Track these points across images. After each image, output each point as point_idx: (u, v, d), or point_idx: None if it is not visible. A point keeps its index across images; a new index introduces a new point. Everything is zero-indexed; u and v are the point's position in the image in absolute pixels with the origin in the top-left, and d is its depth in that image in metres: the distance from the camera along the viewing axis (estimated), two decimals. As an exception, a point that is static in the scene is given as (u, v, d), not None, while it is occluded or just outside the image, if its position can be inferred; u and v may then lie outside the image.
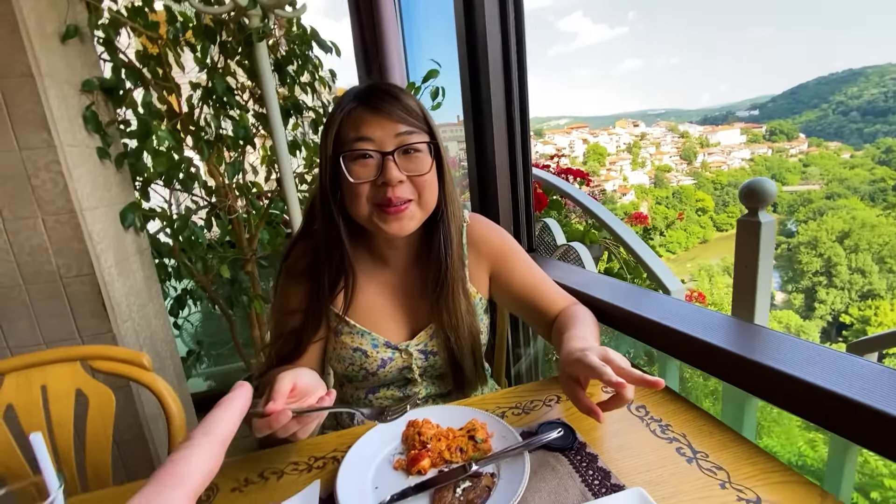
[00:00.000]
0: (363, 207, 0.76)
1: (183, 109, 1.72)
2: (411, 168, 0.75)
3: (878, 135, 53.93)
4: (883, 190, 41.61)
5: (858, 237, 31.72)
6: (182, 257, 1.77)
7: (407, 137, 0.74)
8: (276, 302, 0.89)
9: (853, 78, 67.50)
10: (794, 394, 0.61)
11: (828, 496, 0.51)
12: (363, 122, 0.74)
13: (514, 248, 0.90)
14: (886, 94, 59.54)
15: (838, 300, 29.16)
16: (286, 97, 1.82)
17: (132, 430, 1.46)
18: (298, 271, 0.85)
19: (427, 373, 0.88)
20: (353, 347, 0.84)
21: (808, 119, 64.91)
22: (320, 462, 0.68)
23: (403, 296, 0.88)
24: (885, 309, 26.76)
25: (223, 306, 1.96)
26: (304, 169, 2.03)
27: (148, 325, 1.58)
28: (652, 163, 53.28)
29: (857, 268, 30.11)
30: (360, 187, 0.74)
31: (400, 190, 0.74)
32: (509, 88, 1.25)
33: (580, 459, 0.61)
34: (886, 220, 35.34)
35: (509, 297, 0.90)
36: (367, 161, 0.74)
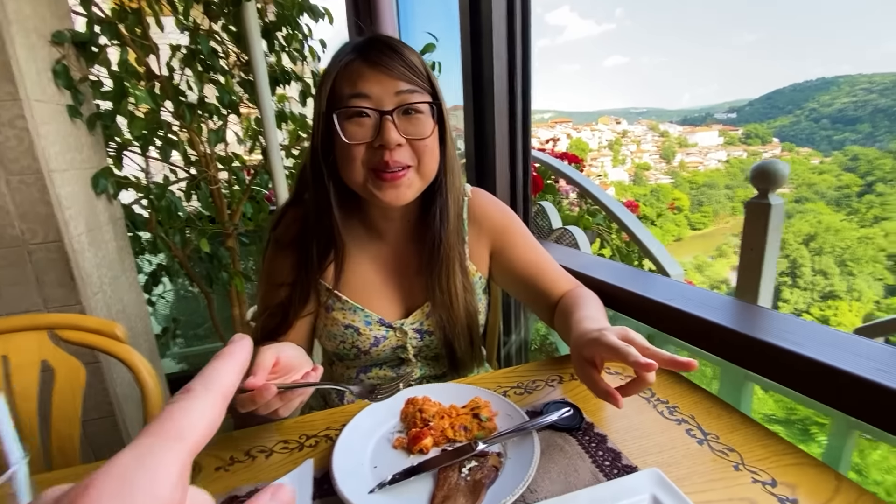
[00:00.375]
0: (357, 172, 0.70)
1: (162, 72, 1.61)
2: (411, 131, 0.69)
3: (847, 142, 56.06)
4: (848, 196, 43.38)
5: (823, 240, 33.08)
6: (159, 230, 1.68)
7: (408, 96, 0.68)
8: (264, 273, 0.83)
9: (826, 86, 69.74)
10: (802, 371, 0.60)
11: (842, 477, 0.50)
12: (360, 77, 0.67)
13: (517, 224, 0.86)
14: (856, 103, 61.80)
15: (801, 300, 30.43)
16: (274, 65, 1.74)
17: (100, 410, 1.39)
18: (287, 241, 0.80)
19: (422, 353, 0.84)
20: (345, 324, 0.79)
21: (782, 124, 66.89)
22: (312, 441, 0.64)
23: (399, 271, 0.83)
24: (843, 309, 28.08)
25: (201, 283, 1.88)
26: (289, 142, 1.94)
27: (120, 299, 1.50)
28: (632, 160, 54.12)
29: (820, 269, 31.44)
30: (354, 149, 0.68)
31: (398, 154, 0.68)
32: (513, 65, 1.20)
33: (589, 440, 0.59)
34: (849, 224, 36.93)
35: (510, 276, 0.85)
36: (363, 120, 0.68)
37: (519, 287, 0.86)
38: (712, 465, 0.53)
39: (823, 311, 28.39)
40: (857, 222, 38.20)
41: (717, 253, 38.75)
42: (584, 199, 1.84)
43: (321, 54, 1.92)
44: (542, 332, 1.81)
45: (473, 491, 0.50)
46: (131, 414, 1.47)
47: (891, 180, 42.96)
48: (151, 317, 2.16)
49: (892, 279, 30.70)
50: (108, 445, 1.44)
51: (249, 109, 1.90)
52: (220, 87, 1.61)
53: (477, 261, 0.85)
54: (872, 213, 38.93)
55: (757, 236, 0.76)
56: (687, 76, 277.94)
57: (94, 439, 1.43)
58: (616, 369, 0.75)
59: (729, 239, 41.16)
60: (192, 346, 2.58)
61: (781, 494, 0.49)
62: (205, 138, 1.67)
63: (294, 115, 1.87)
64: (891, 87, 59.24)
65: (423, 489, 0.51)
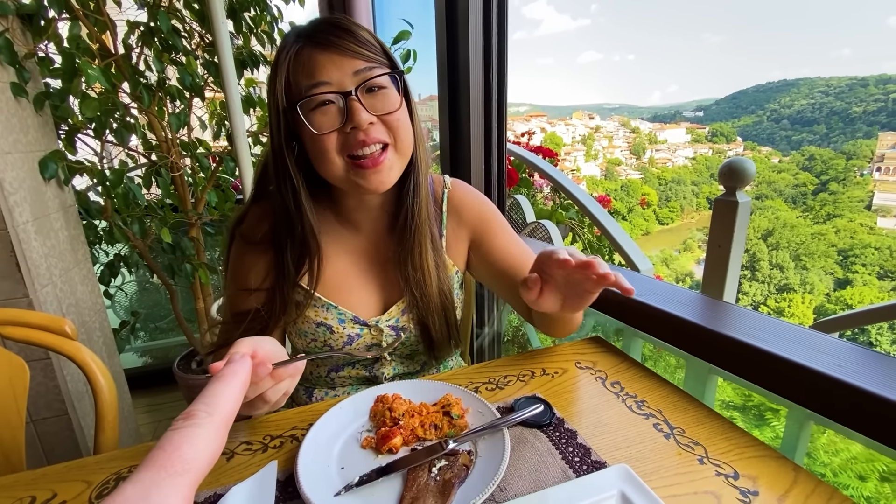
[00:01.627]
0: (335, 163, 0.66)
1: (119, 50, 1.52)
2: (378, 107, 0.66)
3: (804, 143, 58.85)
4: (804, 194, 45.65)
5: (780, 236, 34.78)
6: (115, 218, 1.59)
7: (367, 73, 0.65)
8: (231, 274, 0.78)
9: (786, 88, 72.83)
10: (761, 365, 0.62)
11: (800, 470, 0.52)
12: (315, 64, 0.64)
13: (497, 215, 0.84)
14: (814, 105, 64.85)
15: (759, 292, 31.97)
16: (241, 47, 1.66)
17: (52, 409, 1.31)
18: (254, 239, 0.75)
19: (396, 350, 0.82)
20: (317, 322, 0.76)
21: (745, 123, 69.57)
22: (277, 441, 0.61)
23: (375, 265, 0.80)
24: (797, 302, 29.68)
25: (162, 275, 1.80)
26: (257, 128, 1.87)
27: (73, 292, 1.41)
28: (604, 156, 55.21)
29: (776, 263, 33.08)
30: (325, 139, 0.65)
31: (373, 131, 0.65)
32: (489, 56, 1.19)
33: (559, 436, 0.59)
34: (804, 221, 38.93)
35: (489, 268, 0.83)
36: (328, 108, 0.65)
37: (497, 279, 0.83)
38: (678, 460, 0.54)
39: (779, 303, 29.93)
40: (812, 219, 40.34)
41: (682, 247, 40.17)
42: (557, 193, 1.85)
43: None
44: (515, 324, 1.82)
45: (443, 491, 0.49)
46: (86, 412, 1.40)
47: (843, 180, 45.45)
48: (109, 310, 2.06)
49: (842, 273, 32.62)
50: (62, 445, 1.37)
51: (215, 94, 1.82)
52: (182, 68, 1.53)
53: (454, 255, 0.83)
54: (825, 210, 41.16)
55: (724, 233, 0.78)
56: (657, 74, 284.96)
57: (46, 440, 1.35)
58: (586, 364, 0.75)
59: (694, 233, 42.70)
60: (156, 339, 2.47)
61: (743, 487, 0.50)
62: (166, 122, 1.59)
63: (263, 101, 1.80)
64: (846, 91, 62.40)
65: (392, 490, 0.50)
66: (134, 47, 1.53)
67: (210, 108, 1.84)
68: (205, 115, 1.83)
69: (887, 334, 20.94)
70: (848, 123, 58.22)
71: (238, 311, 0.76)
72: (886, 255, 32.36)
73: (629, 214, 42.03)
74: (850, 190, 43.78)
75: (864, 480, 1.97)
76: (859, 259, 32.64)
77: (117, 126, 1.50)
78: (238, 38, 1.69)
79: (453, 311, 0.82)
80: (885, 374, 0.53)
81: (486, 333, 1.48)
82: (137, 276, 2.26)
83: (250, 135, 1.81)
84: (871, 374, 0.53)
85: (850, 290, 29.56)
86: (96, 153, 1.61)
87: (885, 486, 1.92)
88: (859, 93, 60.49)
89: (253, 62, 1.66)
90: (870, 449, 1.98)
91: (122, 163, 1.62)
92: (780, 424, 2.12)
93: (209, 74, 1.64)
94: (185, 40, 1.59)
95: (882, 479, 1.94)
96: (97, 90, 1.48)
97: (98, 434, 0.75)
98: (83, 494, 0.53)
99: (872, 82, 60.88)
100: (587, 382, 0.70)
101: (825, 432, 2.00)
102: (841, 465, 2.02)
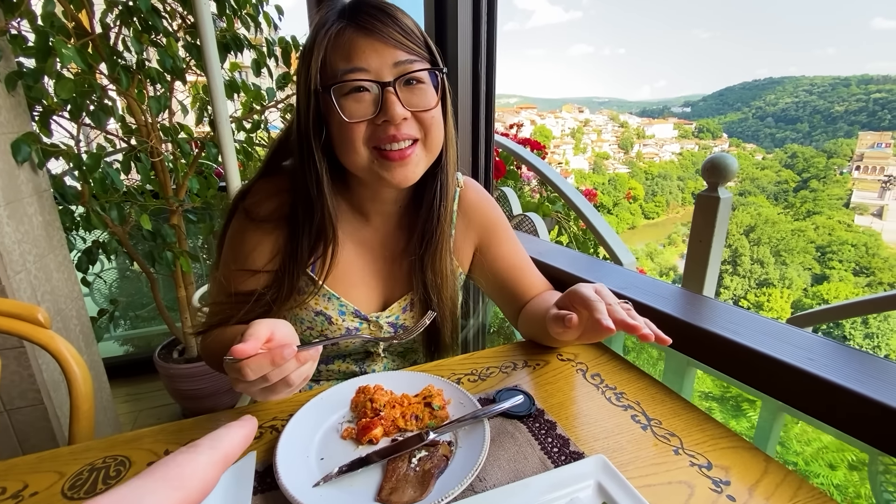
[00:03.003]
0: (360, 153, 0.64)
1: (96, 30, 1.46)
2: (415, 102, 0.63)
3: (787, 140, 59.91)
4: (785, 191, 46.60)
5: (761, 232, 35.53)
6: (93, 204, 1.54)
7: (408, 66, 0.62)
8: (230, 251, 0.74)
9: (772, 86, 73.86)
10: (737, 359, 0.63)
11: (770, 460, 0.53)
12: (355, 49, 0.61)
13: (505, 222, 0.84)
14: (797, 103, 65.94)
15: (740, 287, 32.70)
16: (224, 30, 1.62)
17: (27, 398, 1.28)
18: (261, 216, 0.71)
19: (391, 347, 0.81)
20: (317, 311, 0.74)
21: (731, 120, 70.50)
22: (256, 432, 0.61)
23: (382, 260, 0.78)
24: (776, 296, 30.45)
25: (143, 263, 1.76)
26: (241, 114, 1.83)
27: (48, 279, 1.37)
28: (593, 149, 55.51)
29: (757, 259, 33.82)
30: (355, 128, 0.62)
31: (405, 127, 0.62)
32: (477, 45, 1.18)
33: (539, 427, 0.59)
34: (785, 218, 39.81)
35: (490, 273, 0.82)
36: (362, 95, 0.62)
37: (495, 285, 0.83)
38: (654, 450, 0.55)
39: (758, 297, 30.67)
40: (792, 216, 41.24)
41: (667, 241, 40.77)
42: (544, 185, 1.86)
43: (277, 22, 1.81)
44: (501, 316, 1.84)
45: (422, 481, 0.49)
46: (62, 402, 1.37)
47: (823, 178, 46.46)
48: (88, 298, 2.02)
49: (819, 269, 33.49)
50: (37, 435, 1.34)
51: (198, 77, 1.77)
52: (162, 50, 1.48)
53: (461, 256, 0.82)
54: (805, 207, 42.09)
55: (706, 228, 0.79)
56: (647, 68, 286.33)
57: (21, 429, 1.32)
58: (568, 356, 0.76)
59: (679, 228, 43.35)
60: (138, 328, 2.43)
61: (716, 476, 0.51)
62: (146, 106, 1.54)
63: (247, 86, 1.76)
64: (829, 90, 63.52)
65: (371, 481, 0.50)
66: (112, 27, 1.48)
67: (192, 93, 1.79)
68: (187, 99, 1.78)
69: (860, 328, 21.63)
70: (830, 122, 59.39)
71: (237, 291, 0.72)
72: (862, 252, 33.32)
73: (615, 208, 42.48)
74: (830, 188, 44.81)
75: (834, 469, 2.04)
76: (836, 255, 33.56)
77: (94, 108, 1.45)
78: (221, 21, 1.64)
79: (458, 315, 0.82)
80: (854, 368, 0.54)
81: (472, 325, 1.48)
82: (117, 263, 2.21)
83: (234, 120, 1.77)
84: (841, 369, 0.55)
85: (826, 286, 30.40)
86: (72, 136, 1.56)
87: (853, 475, 2.00)
88: (842, 92, 61.66)
89: (237, 46, 1.61)
90: (840, 439, 2.06)
91: (100, 147, 1.57)
92: (755, 415, 2.18)
93: (191, 57, 1.59)
94: (166, 21, 1.55)
95: (851, 467, 2.02)
96: (73, 70, 1.43)
97: (73, 424, 0.74)
98: (55, 486, 0.52)
99: (855, 82, 62.10)
100: (568, 374, 0.71)
101: (798, 423, 2.07)
102: (812, 454, 2.09)
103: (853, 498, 1.93)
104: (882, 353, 6.69)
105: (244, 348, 0.48)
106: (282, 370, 0.50)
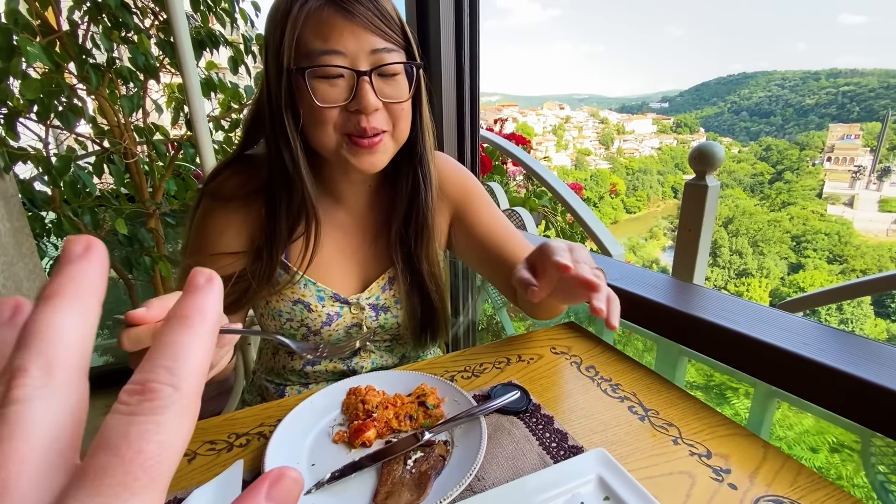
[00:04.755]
0: (329, 136, 0.62)
1: (63, 27, 1.40)
2: (388, 93, 0.62)
3: (761, 133, 61.45)
4: (761, 183, 47.80)
5: (739, 223, 36.39)
6: (64, 209, 1.48)
7: (384, 56, 0.60)
8: (197, 236, 0.70)
9: (745, 81, 75.64)
10: (731, 345, 0.63)
11: (769, 446, 0.53)
12: (332, 29, 0.58)
13: (480, 188, 0.81)
14: (770, 97, 67.65)
15: (720, 277, 33.43)
16: (199, 27, 1.57)
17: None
18: (227, 194, 0.68)
19: (377, 335, 0.79)
20: (294, 299, 0.71)
21: (707, 114, 71.99)
22: (243, 440, 0.58)
23: (357, 239, 0.76)
24: (755, 286, 31.24)
25: (119, 269, 1.70)
26: (219, 113, 1.78)
27: (17, 288, 1.31)
28: (574, 146, 56.08)
29: (736, 249, 34.63)
30: (326, 112, 0.60)
31: (375, 119, 0.61)
32: (460, 41, 1.16)
33: (536, 422, 0.58)
34: (761, 209, 40.86)
35: (471, 245, 0.80)
36: (336, 81, 0.60)
37: (481, 255, 0.80)
38: (653, 441, 0.55)
39: (738, 287, 31.41)
40: (768, 207, 42.34)
41: (649, 234, 41.45)
42: (530, 180, 1.85)
43: (254, 18, 1.76)
44: (489, 312, 1.83)
45: (419, 484, 0.47)
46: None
47: (797, 169, 47.77)
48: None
49: (795, 258, 34.46)
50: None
51: (173, 77, 1.71)
52: (134, 47, 1.43)
53: (436, 231, 0.79)
54: (780, 198, 43.25)
55: (694, 217, 0.79)
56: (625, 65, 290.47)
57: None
58: (561, 349, 0.75)
59: (660, 221, 44.10)
60: (116, 336, 2.35)
61: (716, 465, 0.51)
62: (118, 106, 1.49)
63: (224, 84, 1.71)
64: (800, 84, 65.29)
65: (366, 486, 0.48)
66: (80, 24, 1.42)
67: (167, 92, 1.74)
68: (161, 98, 1.73)
69: (836, 314, 22.31)
70: (801, 115, 61.10)
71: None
72: (835, 241, 34.41)
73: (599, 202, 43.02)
74: (803, 179, 46.13)
75: (816, 452, 2.10)
76: (811, 244, 34.58)
77: (63, 109, 1.39)
78: (196, 17, 1.59)
79: (444, 292, 0.80)
80: (849, 351, 0.55)
81: (461, 322, 1.47)
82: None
83: (211, 120, 1.72)
84: (835, 352, 0.55)
85: (802, 274, 31.30)
86: (40, 139, 1.49)
87: (834, 457, 2.06)
88: (812, 86, 63.49)
89: (213, 43, 1.57)
90: (821, 422, 2.11)
91: (70, 149, 1.51)
92: (739, 402, 2.23)
93: (165, 55, 1.54)
94: (138, 17, 1.49)
95: (832, 450, 2.07)
96: (40, 70, 1.37)
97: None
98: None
99: (824, 76, 63.98)
100: (562, 368, 0.70)
101: (780, 407, 2.11)
102: (795, 438, 2.14)
103: (835, 478, 1.98)
104: (858, 338, 6.89)
105: (136, 313, 0.40)
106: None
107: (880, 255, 32.36)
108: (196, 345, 0.16)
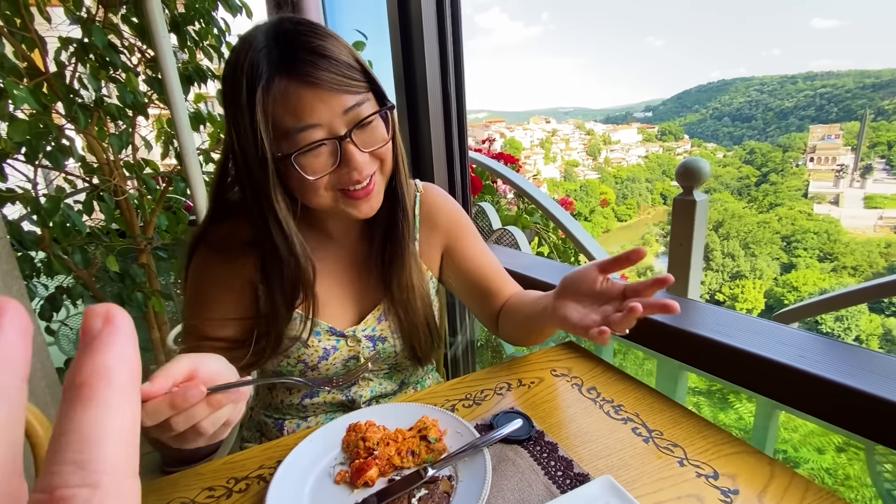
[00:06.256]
0: (324, 197, 0.63)
1: (50, 68, 1.41)
2: (370, 142, 0.63)
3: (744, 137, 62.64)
4: (747, 186, 48.50)
5: (729, 226, 36.77)
6: (54, 248, 1.47)
7: (359, 111, 0.60)
8: (196, 291, 0.70)
9: (725, 87, 77.44)
10: (729, 361, 0.63)
11: (775, 463, 0.53)
12: (303, 104, 0.57)
13: (470, 224, 0.84)
14: (750, 102, 69.23)
15: (714, 281, 33.60)
16: (186, 62, 1.59)
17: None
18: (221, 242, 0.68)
19: (375, 365, 0.78)
20: (290, 336, 0.71)
21: (690, 121, 73.37)
22: (242, 484, 0.57)
23: (351, 273, 0.77)
24: (749, 287, 31.41)
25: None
26: (209, 145, 1.79)
27: (7, 332, 1.29)
28: (562, 158, 56.76)
29: (728, 252, 34.90)
30: (318, 181, 0.61)
31: (366, 169, 0.63)
32: (445, 66, 1.18)
33: (540, 450, 0.57)
34: (750, 211, 41.38)
35: (460, 275, 0.82)
36: (319, 150, 0.60)
37: (467, 287, 0.83)
38: (659, 464, 0.54)
39: (732, 289, 31.56)
40: (756, 209, 42.88)
41: (641, 242, 41.74)
42: (520, 198, 1.87)
43: (240, 51, 1.79)
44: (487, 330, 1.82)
45: (425, 523, 0.46)
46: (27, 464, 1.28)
47: (781, 171, 48.59)
48: (53, 347, 1.90)
49: (786, 258, 34.78)
50: None
51: (162, 111, 1.72)
52: (121, 85, 1.44)
53: (428, 261, 0.81)
54: (768, 200, 43.86)
55: (685, 231, 0.80)
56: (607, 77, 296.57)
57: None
58: (562, 371, 0.75)
59: (651, 228, 44.50)
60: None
61: (724, 486, 0.50)
62: (107, 143, 1.49)
63: (213, 116, 1.73)
64: (778, 88, 66.90)
65: (370, 528, 0.47)
66: (67, 64, 1.43)
67: (157, 126, 1.74)
68: (150, 133, 1.74)
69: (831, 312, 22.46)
70: (782, 118, 62.45)
71: (213, 336, 0.68)
72: (825, 239, 34.82)
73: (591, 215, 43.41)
74: (788, 180, 46.89)
75: (822, 453, 2.08)
76: (801, 244, 34.96)
77: (51, 149, 1.39)
78: (183, 53, 1.61)
79: (434, 318, 0.81)
80: (846, 363, 0.55)
81: (460, 342, 1.46)
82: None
83: (201, 153, 1.73)
84: (832, 364, 0.55)
85: (794, 274, 31.55)
86: (29, 179, 1.49)
87: (841, 457, 2.04)
88: (790, 89, 65.08)
89: (200, 77, 1.58)
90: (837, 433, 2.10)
91: (59, 188, 1.51)
92: (742, 406, 2.22)
93: (153, 91, 1.55)
94: (125, 56, 1.51)
95: (838, 450, 2.05)
96: (27, 112, 1.37)
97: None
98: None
99: (801, 79, 65.66)
100: (564, 390, 0.70)
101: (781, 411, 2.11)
102: (800, 440, 2.13)
103: (843, 479, 1.96)
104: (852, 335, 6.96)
105: (147, 389, 0.40)
106: (188, 416, 0.42)
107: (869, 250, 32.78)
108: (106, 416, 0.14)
